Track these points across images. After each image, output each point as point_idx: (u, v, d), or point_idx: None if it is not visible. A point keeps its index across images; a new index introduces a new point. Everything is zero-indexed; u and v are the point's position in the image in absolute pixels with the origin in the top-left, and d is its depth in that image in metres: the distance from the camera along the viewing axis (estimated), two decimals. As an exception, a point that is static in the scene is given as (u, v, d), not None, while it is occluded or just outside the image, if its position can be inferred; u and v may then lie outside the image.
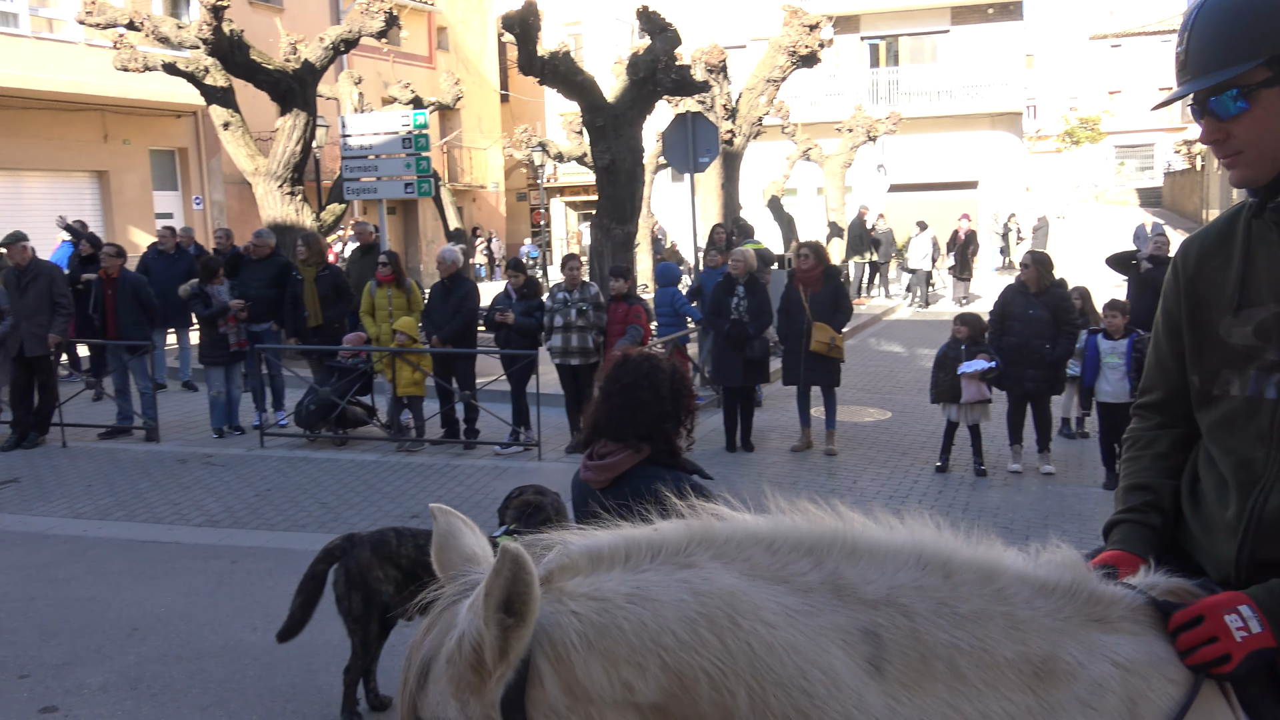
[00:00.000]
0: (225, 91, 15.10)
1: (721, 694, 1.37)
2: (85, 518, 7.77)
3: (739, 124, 18.30)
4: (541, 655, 1.37)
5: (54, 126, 20.80)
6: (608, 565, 1.46)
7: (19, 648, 5.42)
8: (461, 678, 1.39)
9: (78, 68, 19.72)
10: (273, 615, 5.75)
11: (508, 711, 1.36)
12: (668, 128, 13.10)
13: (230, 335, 10.41)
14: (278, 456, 9.64)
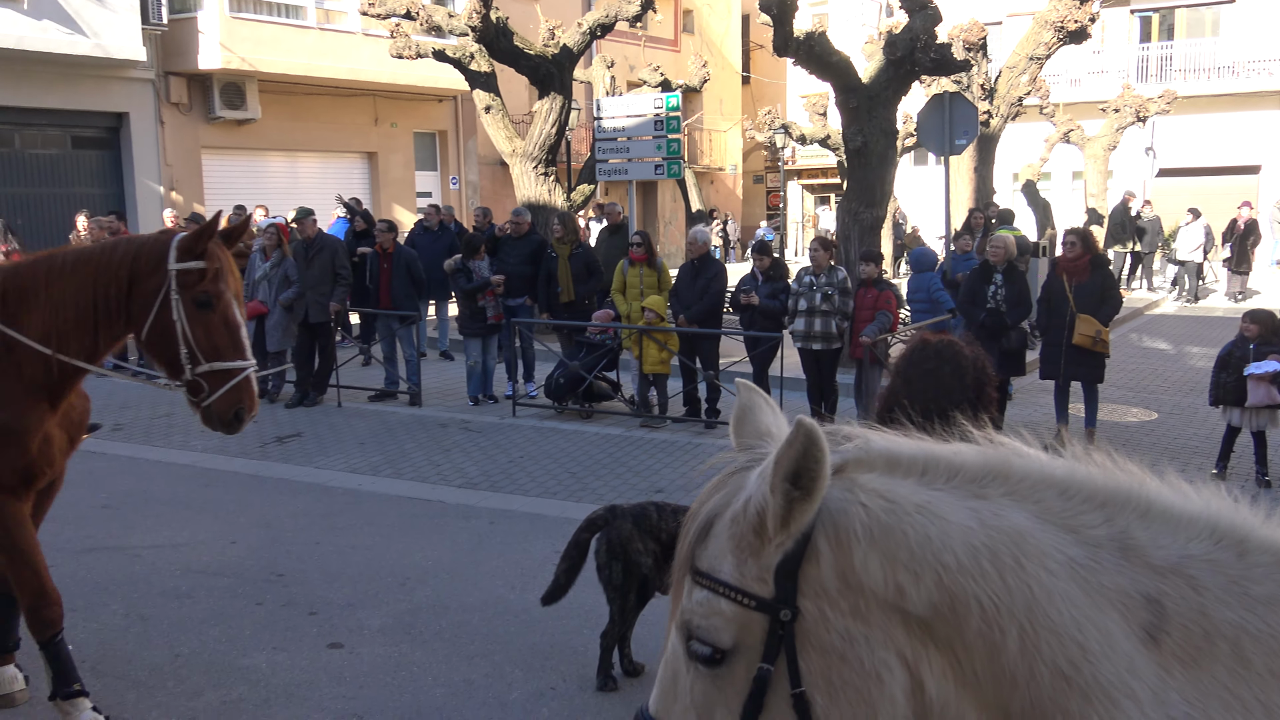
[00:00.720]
0: (488, 76, 15.83)
1: (991, 628, 1.36)
2: (359, 473, 8.39)
3: (997, 104, 17.49)
4: (823, 535, 1.42)
5: (330, 111, 22.50)
6: (903, 473, 1.48)
7: (308, 587, 5.92)
8: (742, 538, 1.46)
9: (354, 56, 21.21)
10: (529, 575, 6.04)
11: (780, 578, 1.43)
12: (923, 109, 12.67)
13: (488, 309, 10.96)
14: (528, 426, 10.06)
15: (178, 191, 20.39)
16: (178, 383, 4.05)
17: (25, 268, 4.12)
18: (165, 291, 3.94)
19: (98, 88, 18.87)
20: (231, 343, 4.01)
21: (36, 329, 3.98)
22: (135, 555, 6.41)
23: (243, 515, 7.25)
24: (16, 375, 3.96)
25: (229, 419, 4.04)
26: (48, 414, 4.04)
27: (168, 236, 4.04)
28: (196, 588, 5.88)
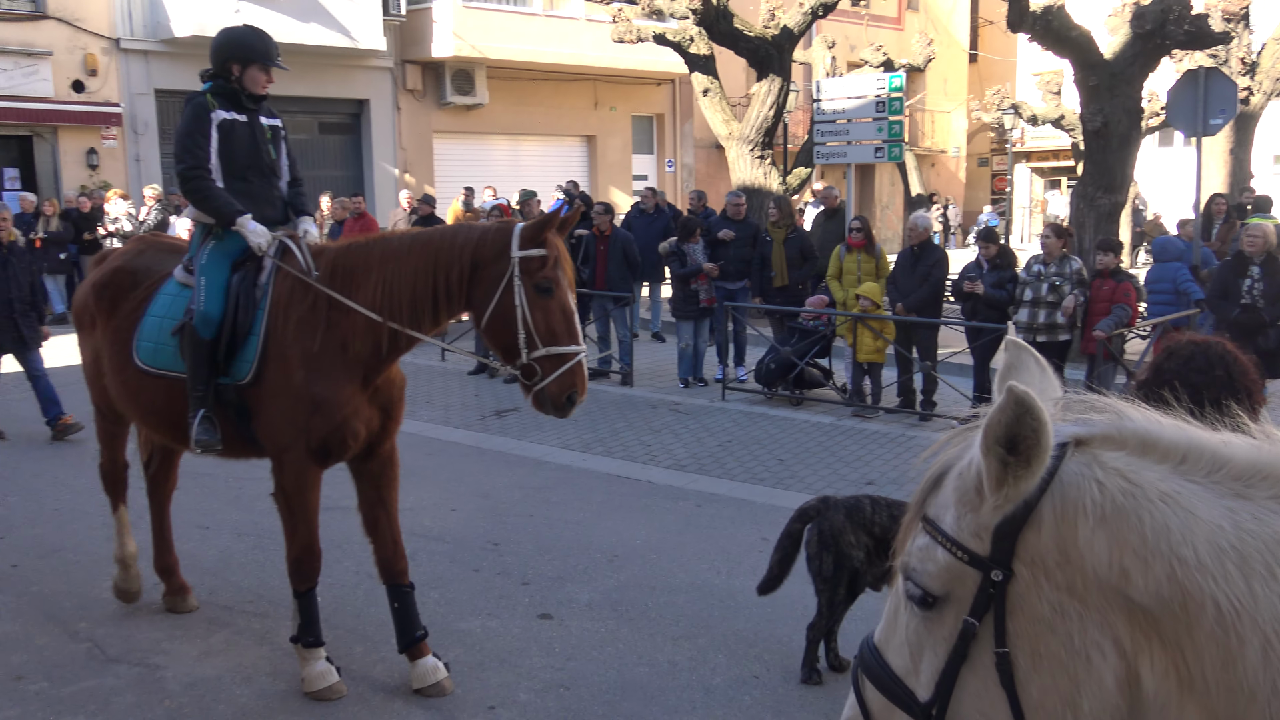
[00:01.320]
0: (707, 59, 15.83)
1: (1228, 634, 1.28)
2: (571, 449, 8.60)
3: (1259, 80, 16.02)
4: (1050, 504, 1.40)
5: (552, 95, 23.15)
6: (1158, 458, 1.40)
7: (521, 558, 6.12)
8: (964, 493, 1.49)
9: (577, 42, 21.72)
10: (735, 560, 6.02)
11: (998, 539, 1.43)
12: (1174, 85, 11.73)
13: (701, 292, 10.98)
14: (737, 410, 10.03)
15: (410, 174, 21.51)
16: (511, 367, 4.21)
17: (355, 247, 4.41)
18: (509, 278, 4.08)
19: (342, 76, 20.15)
20: (567, 328, 4.13)
21: (364, 305, 4.23)
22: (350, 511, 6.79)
23: (462, 484, 7.57)
24: (340, 349, 4.24)
25: (562, 403, 4.15)
26: (359, 390, 4.30)
27: (508, 225, 4.20)
28: (419, 551, 6.16)
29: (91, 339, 4.97)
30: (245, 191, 4.59)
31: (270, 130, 4.76)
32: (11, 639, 4.99)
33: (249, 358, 4.33)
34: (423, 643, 4.62)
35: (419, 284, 4.20)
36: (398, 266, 4.24)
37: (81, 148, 18.13)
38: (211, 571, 5.78)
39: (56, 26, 17.72)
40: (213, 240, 4.57)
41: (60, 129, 17.90)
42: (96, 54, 18.07)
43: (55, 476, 7.68)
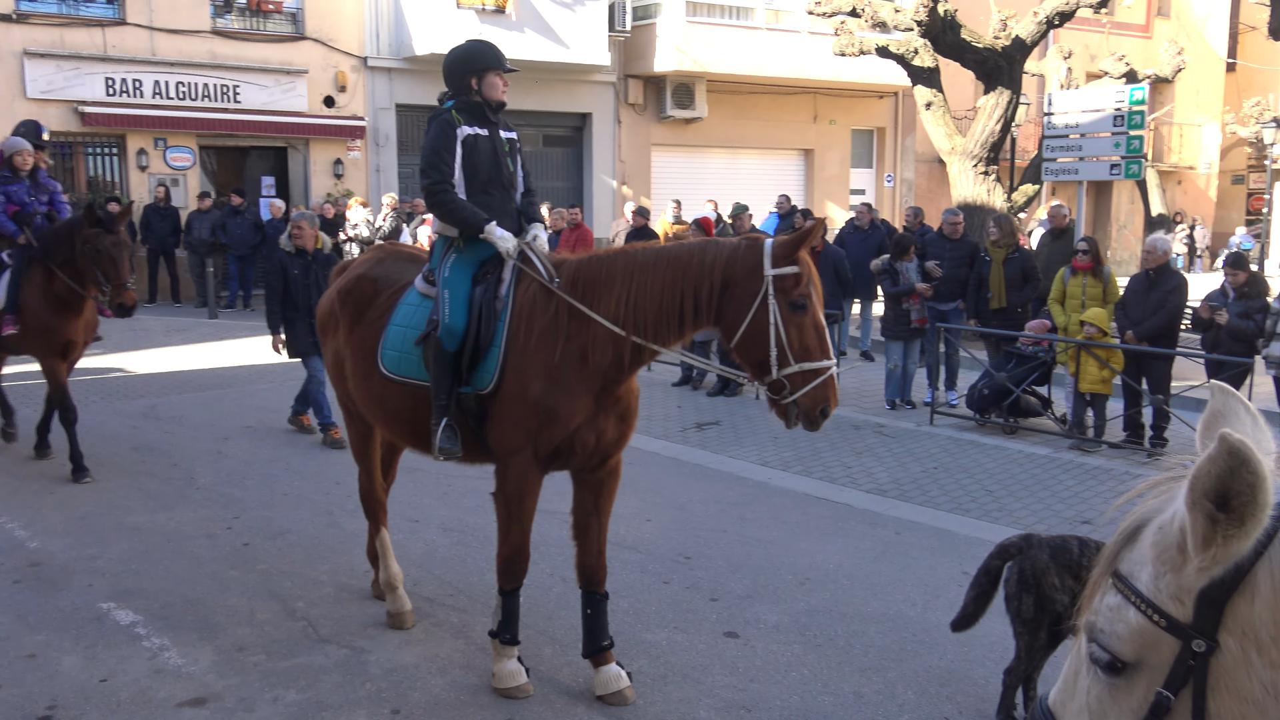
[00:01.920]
0: (931, 72, 15.38)
1: None
2: (769, 466, 8.52)
3: None
4: (1266, 570, 1.26)
5: (771, 109, 23.08)
6: None
7: (712, 573, 6.10)
8: (1165, 550, 1.36)
9: (797, 55, 21.57)
10: (932, 593, 5.78)
11: (1203, 605, 1.31)
12: None
13: (912, 311, 10.66)
14: (945, 435, 9.66)
15: (628, 186, 21.97)
16: (759, 383, 4.23)
17: (597, 260, 4.50)
18: (763, 296, 4.10)
19: (567, 91, 20.84)
20: (820, 343, 4.13)
21: (606, 317, 4.33)
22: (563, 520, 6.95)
23: (658, 495, 7.63)
24: (580, 361, 4.34)
25: (815, 416, 4.13)
26: (594, 402, 4.40)
27: (759, 243, 4.21)
28: (612, 560, 6.22)
29: (334, 342, 5.24)
30: (486, 205, 4.72)
31: (508, 143, 4.91)
32: (238, 613, 5.41)
33: (490, 368, 4.46)
34: (608, 651, 4.68)
35: (665, 299, 4.23)
36: (643, 281, 4.27)
37: (329, 158, 19.55)
38: (417, 564, 6.07)
39: (313, 47, 19.20)
40: (454, 253, 4.72)
41: (312, 141, 19.37)
42: (346, 71, 19.45)
43: (289, 463, 8.28)
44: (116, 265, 7.38)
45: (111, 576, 5.85)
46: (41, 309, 7.62)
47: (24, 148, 7.92)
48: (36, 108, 17.24)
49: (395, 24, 19.57)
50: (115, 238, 7.39)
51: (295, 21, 19.21)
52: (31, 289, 7.64)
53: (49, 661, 4.82)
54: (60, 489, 7.48)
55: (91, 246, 7.34)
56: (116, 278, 7.40)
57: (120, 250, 7.42)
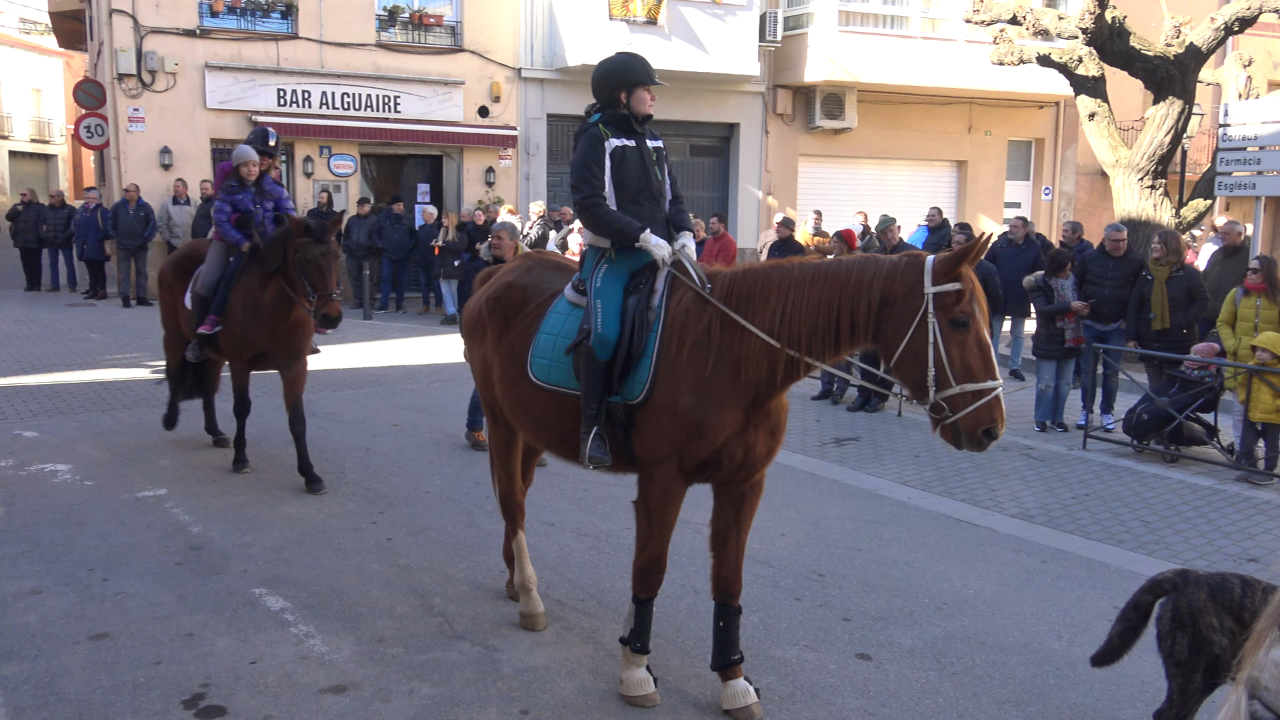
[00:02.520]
0: (1096, 81, 14.78)
1: None
2: (910, 485, 8.30)
3: None
4: None
5: (923, 119, 22.57)
6: None
7: (845, 591, 5.99)
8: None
9: (953, 64, 21.01)
10: (1080, 627, 5.53)
11: None
12: None
13: (1067, 330, 10.24)
14: (1099, 461, 9.23)
15: (774, 196, 21.84)
16: (920, 403, 4.11)
17: (752, 273, 4.45)
18: (923, 314, 3.99)
19: (715, 101, 20.87)
20: (984, 363, 3.99)
21: (762, 329, 4.29)
22: (698, 531, 6.95)
23: (794, 510, 7.54)
24: (732, 375, 4.33)
25: (978, 437, 3.98)
26: (744, 415, 4.37)
27: (919, 260, 4.11)
28: (744, 574, 6.18)
29: (482, 348, 5.35)
30: (637, 214, 4.76)
31: (655, 152, 4.93)
32: (379, 605, 5.60)
33: (642, 379, 4.47)
34: (738, 665, 4.64)
35: (821, 316, 4.17)
36: (799, 296, 4.22)
37: (481, 167, 20.12)
38: (551, 567, 6.16)
39: (470, 59, 19.82)
40: (606, 264, 4.77)
41: (466, 150, 19.98)
42: (501, 82, 19.99)
43: (431, 461, 8.54)
44: (324, 275, 7.28)
45: (264, 563, 6.15)
46: (244, 314, 7.67)
47: (251, 158, 8.01)
48: (214, 117, 18.37)
49: (549, 36, 20.00)
50: (325, 247, 7.31)
51: (454, 34, 19.87)
52: (240, 293, 7.73)
53: (205, 641, 5.09)
54: (222, 478, 7.91)
55: (301, 256, 7.29)
56: (323, 287, 7.29)
57: (329, 260, 7.32)
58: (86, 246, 18.47)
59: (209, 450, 8.70)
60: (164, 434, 9.13)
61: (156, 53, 17.89)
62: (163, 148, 18.23)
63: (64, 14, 26.96)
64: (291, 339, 7.74)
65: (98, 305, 18.02)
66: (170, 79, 18.07)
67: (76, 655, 4.90)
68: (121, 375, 11.84)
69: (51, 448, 8.60)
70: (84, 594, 5.62)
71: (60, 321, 15.98)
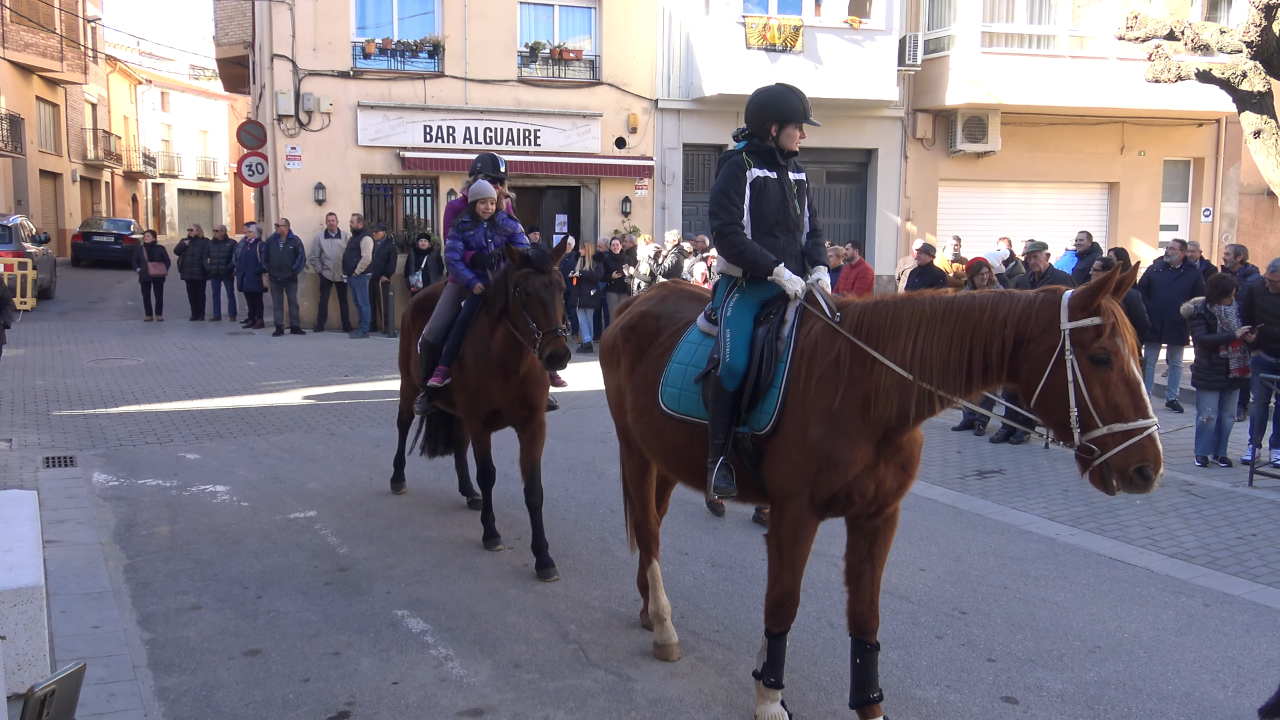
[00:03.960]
0: (1261, 97, 14.00)
1: None
2: (1059, 521, 7.96)
3: None
4: None
5: (1071, 140, 21.80)
6: None
7: (990, 631, 5.76)
8: None
9: (1103, 83, 20.25)
10: (1246, 676, 5.19)
11: None
12: None
13: (1232, 360, 9.67)
14: (1267, 499, 8.66)
15: (913, 222, 21.43)
16: (1067, 446, 3.93)
17: (882, 307, 4.36)
18: (1059, 352, 3.82)
19: (853, 127, 20.64)
20: (1133, 402, 3.77)
21: (893, 361, 4.19)
22: (834, 563, 6.81)
23: (934, 545, 7.31)
24: (861, 408, 4.24)
25: (1130, 476, 3.73)
26: (874, 450, 4.28)
27: (1056, 295, 3.95)
28: (883, 609, 5.97)
29: (616, 377, 5.41)
30: (772, 246, 4.75)
31: (796, 185, 4.90)
32: (516, 631, 5.67)
33: (769, 409, 4.44)
34: (877, 704, 4.52)
35: (953, 355, 4.06)
36: (929, 333, 4.12)
37: (618, 196, 20.40)
38: (685, 597, 6.13)
39: (608, 91, 20.16)
40: (737, 293, 4.77)
41: (603, 180, 20.29)
42: (638, 114, 20.26)
43: (567, 489, 8.64)
44: (547, 309, 6.35)
45: (406, 585, 6.32)
46: (476, 365, 6.87)
47: (489, 195, 7.29)
48: (364, 154, 19.20)
49: (686, 66, 20.17)
50: (547, 278, 6.41)
51: (593, 68, 20.26)
52: (473, 340, 6.94)
53: (350, 660, 5.25)
54: (369, 501, 8.18)
55: (522, 290, 6.42)
56: (546, 322, 6.34)
57: (552, 292, 6.40)
58: (246, 278, 19.50)
59: (357, 472, 9.01)
60: (314, 457, 9.52)
61: (313, 94, 18.83)
62: (317, 184, 19.13)
63: (230, 60, 28.75)
64: (524, 391, 6.87)
65: (255, 334, 18.98)
66: (325, 119, 18.98)
67: (232, 670, 5.12)
68: (275, 400, 12.41)
69: (211, 469, 9.06)
70: (239, 611, 5.88)
71: (220, 349, 16.89)
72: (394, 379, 13.59)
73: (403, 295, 18.91)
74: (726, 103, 19.08)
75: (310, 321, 19.33)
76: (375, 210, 19.80)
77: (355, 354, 16.45)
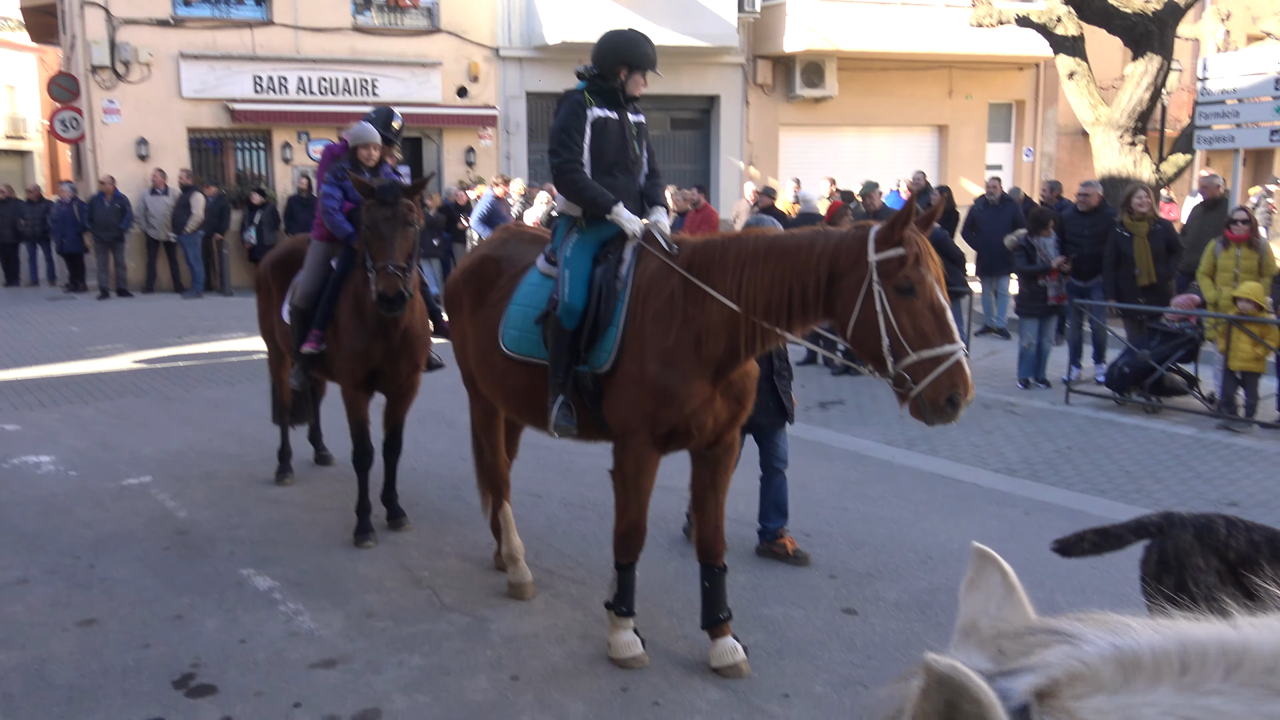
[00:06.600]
0: (1075, 40, 14.76)
1: None
2: (894, 445, 8.34)
3: None
4: None
5: (903, 85, 22.50)
6: (1148, 679, 0.97)
7: (830, 550, 6.03)
8: None
9: (932, 29, 20.93)
10: (1060, 575, 5.58)
11: None
12: None
13: (1049, 289, 10.27)
14: (1081, 415, 9.28)
15: (755, 167, 21.79)
16: (883, 378, 4.04)
17: (711, 246, 4.45)
18: (868, 284, 3.93)
19: (695, 73, 20.76)
20: (939, 327, 3.91)
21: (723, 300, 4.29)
22: (682, 496, 6.96)
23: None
24: (694, 345, 4.34)
25: (941, 406, 3.88)
26: (710, 385, 4.40)
27: (864, 230, 4.06)
28: (731, 535, 6.17)
29: (460, 322, 5.39)
30: (611, 186, 4.76)
31: (636, 127, 4.93)
32: (367, 581, 5.62)
33: (608, 348, 4.50)
34: (726, 624, 4.68)
35: (774, 293, 4.16)
36: (753, 272, 4.22)
37: (461, 147, 20.02)
38: (539, 537, 6.18)
39: (447, 39, 19.68)
40: (576, 233, 4.78)
41: (445, 130, 19.86)
42: (479, 62, 19.87)
43: (418, 439, 8.52)
44: (384, 243, 5.71)
45: (251, 545, 6.16)
46: (351, 325, 6.22)
47: (371, 139, 6.47)
48: (190, 106, 18.24)
49: (527, 14, 19.86)
50: (389, 211, 5.75)
51: (430, 16, 19.72)
52: (346, 300, 6.29)
53: (193, 623, 5.10)
54: (208, 463, 7.90)
55: (365, 223, 5.83)
56: (380, 257, 5.72)
57: (393, 226, 5.73)
58: (65, 240, 18.36)
59: (194, 435, 8.67)
60: (147, 422, 9.11)
61: (130, 44, 17.74)
62: (139, 139, 18.10)
63: (35, 8, 26.67)
64: (407, 347, 6.32)
65: (77, 298, 17.93)
66: (145, 70, 17.92)
67: (65, 642, 4.91)
68: (103, 366, 11.79)
69: (34, 440, 8.57)
70: (71, 581, 5.62)
71: (40, 315, 15.90)
72: (231, 338, 13.14)
73: (239, 254, 18.17)
74: (569, 51, 18.87)
75: (138, 283, 18.36)
76: (205, 166, 18.88)
77: (189, 315, 15.73)
